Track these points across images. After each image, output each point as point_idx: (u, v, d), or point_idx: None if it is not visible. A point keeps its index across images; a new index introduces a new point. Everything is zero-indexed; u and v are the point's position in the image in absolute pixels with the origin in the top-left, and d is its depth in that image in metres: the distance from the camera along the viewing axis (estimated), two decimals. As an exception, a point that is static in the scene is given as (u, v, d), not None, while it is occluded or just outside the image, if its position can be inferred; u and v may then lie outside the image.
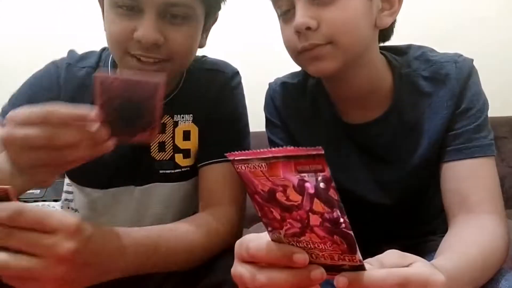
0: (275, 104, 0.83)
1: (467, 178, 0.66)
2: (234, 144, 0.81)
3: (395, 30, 0.76)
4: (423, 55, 0.75)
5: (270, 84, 0.86)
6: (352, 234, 0.34)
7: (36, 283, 0.44)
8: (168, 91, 0.80)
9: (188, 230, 0.66)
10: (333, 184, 0.31)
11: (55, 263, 0.43)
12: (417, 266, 0.40)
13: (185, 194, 0.84)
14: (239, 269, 0.40)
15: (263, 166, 0.33)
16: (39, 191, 1.73)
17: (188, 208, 0.87)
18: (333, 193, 0.32)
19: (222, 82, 0.84)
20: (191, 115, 0.81)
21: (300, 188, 0.32)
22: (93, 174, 0.81)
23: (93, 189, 0.83)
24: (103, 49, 0.85)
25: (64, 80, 0.79)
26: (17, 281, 0.44)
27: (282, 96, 0.82)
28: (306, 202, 0.33)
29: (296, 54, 0.68)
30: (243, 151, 0.33)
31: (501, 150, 0.73)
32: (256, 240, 0.39)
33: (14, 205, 0.42)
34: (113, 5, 0.67)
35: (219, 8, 0.78)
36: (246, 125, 0.86)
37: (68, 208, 0.91)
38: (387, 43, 0.78)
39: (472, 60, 0.72)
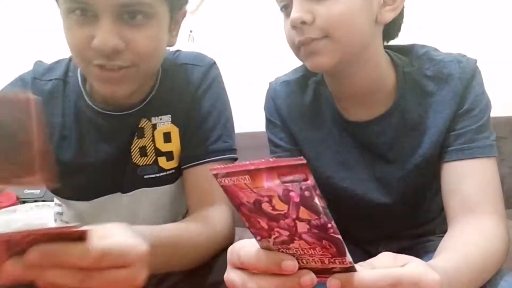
0: (275, 103, 0.82)
1: (468, 178, 0.66)
2: (218, 142, 0.78)
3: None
4: (426, 54, 0.74)
5: (270, 84, 0.86)
6: (340, 237, 0.35)
7: None
8: (143, 94, 0.77)
9: (198, 231, 0.66)
10: (318, 191, 0.32)
11: None
12: (410, 265, 0.40)
13: (174, 196, 0.83)
14: (231, 275, 0.41)
15: (247, 179, 0.33)
16: (39, 191, 1.73)
17: (178, 209, 0.87)
18: (318, 200, 0.32)
19: (199, 77, 0.80)
20: (169, 115, 0.78)
21: (285, 198, 0.33)
22: (77, 187, 0.78)
23: (78, 202, 0.81)
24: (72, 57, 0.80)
25: None
26: None
27: (283, 94, 0.82)
28: (292, 210, 0.34)
29: (295, 49, 0.69)
30: (225, 166, 0.34)
31: (501, 150, 0.73)
32: (247, 247, 0.39)
33: (97, 248, 0.37)
34: (66, 12, 0.63)
35: (184, 1, 0.73)
36: (229, 119, 0.82)
37: (61, 221, 0.89)
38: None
39: (476, 61, 0.72)
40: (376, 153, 0.76)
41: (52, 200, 1.70)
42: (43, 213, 1.55)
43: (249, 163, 0.32)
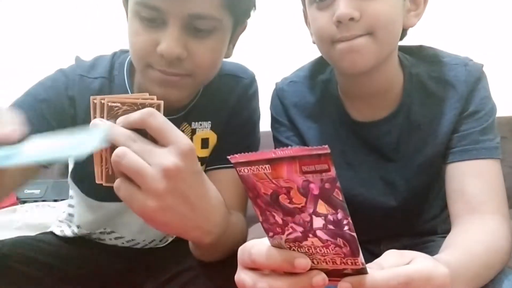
0: (283, 103, 0.83)
1: (472, 179, 0.67)
2: (246, 151, 0.78)
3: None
4: (433, 56, 0.75)
5: (277, 84, 0.86)
6: (355, 236, 0.34)
7: (140, 193, 0.44)
8: (187, 99, 0.77)
9: (236, 220, 0.65)
10: (338, 184, 0.31)
11: (160, 175, 0.42)
12: (418, 261, 0.40)
13: None
14: (242, 276, 0.40)
15: (267, 168, 0.32)
16: (39, 191, 1.72)
17: None
18: (337, 194, 0.32)
19: (241, 88, 0.82)
20: (209, 122, 0.79)
21: (304, 190, 0.32)
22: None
23: (112, 203, 0.79)
24: (114, 54, 0.80)
25: (78, 93, 0.74)
26: (128, 189, 0.44)
27: (290, 94, 0.82)
28: (309, 204, 0.33)
29: (330, 44, 0.67)
30: (245, 154, 0.33)
31: (501, 150, 0.74)
32: (258, 245, 0.39)
33: (149, 109, 0.44)
34: (135, 15, 0.63)
35: (248, 16, 0.74)
36: (259, 132, 0.85)
37: (71, 222, 0.88)
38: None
39: (482, 65, 0.73)
40: (381, 153, 0.76)
41: (52, 200, 1.69)
42: (43, 213, 1.54)
43: (271, 151, 0.31)
